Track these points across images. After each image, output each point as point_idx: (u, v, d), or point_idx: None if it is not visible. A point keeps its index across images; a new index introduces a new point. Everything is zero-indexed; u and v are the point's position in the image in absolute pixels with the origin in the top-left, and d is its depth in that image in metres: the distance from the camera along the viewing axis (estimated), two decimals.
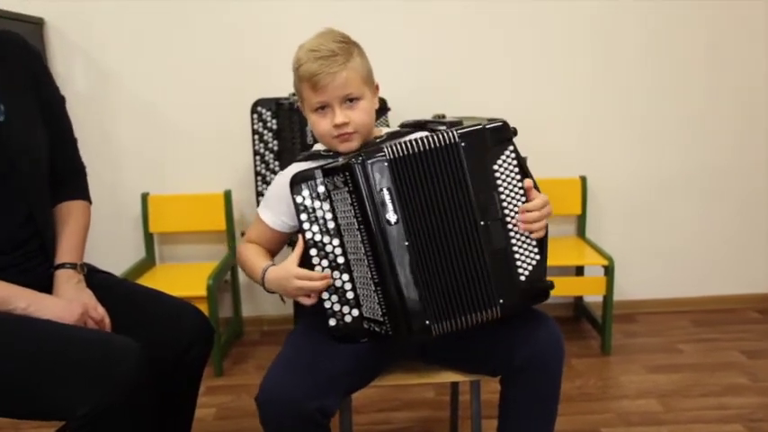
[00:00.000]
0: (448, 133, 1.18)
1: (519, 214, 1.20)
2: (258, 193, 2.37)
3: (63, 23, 2.45)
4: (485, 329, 1.21)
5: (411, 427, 1.96)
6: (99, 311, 1.28)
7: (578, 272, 2.64)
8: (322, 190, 1.23)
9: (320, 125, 1.29)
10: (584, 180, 2.64)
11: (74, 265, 1.34)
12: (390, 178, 1.15)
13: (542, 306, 1.24)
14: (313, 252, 1.23)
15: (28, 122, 1.32)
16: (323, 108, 1.28)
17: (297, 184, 1.24)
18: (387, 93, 1.69)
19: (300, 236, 1.25)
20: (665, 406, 2.02)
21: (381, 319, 1.19)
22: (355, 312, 1.24)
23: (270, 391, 1.17)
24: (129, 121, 2.56)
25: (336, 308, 1.24)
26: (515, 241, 1.20)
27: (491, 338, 1.26)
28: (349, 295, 1.23)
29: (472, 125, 1.20)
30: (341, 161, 1.21)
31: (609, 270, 2.34)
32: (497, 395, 1.33)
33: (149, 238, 2.59)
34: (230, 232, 2.57)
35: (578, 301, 2.76)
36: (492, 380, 1.33)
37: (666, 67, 2.60)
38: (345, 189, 1.18)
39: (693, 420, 1.93)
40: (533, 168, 1.27)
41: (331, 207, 1.22)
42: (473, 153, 1.18)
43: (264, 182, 2.35)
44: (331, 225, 1.23)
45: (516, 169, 1.21)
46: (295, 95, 1.35)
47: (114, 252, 2.55)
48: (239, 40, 2.50)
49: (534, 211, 1.20)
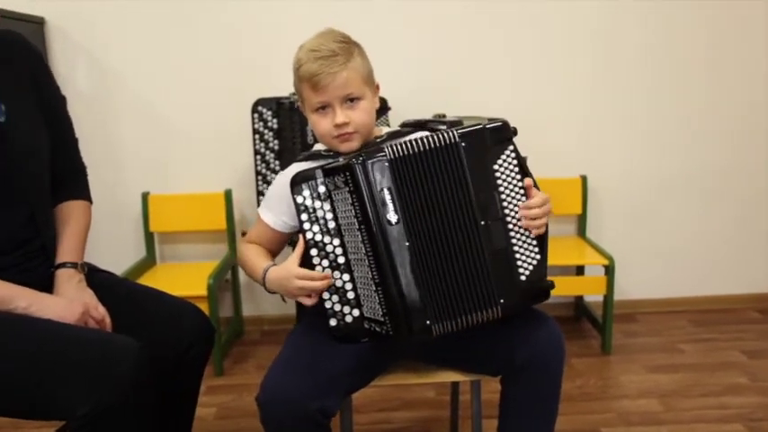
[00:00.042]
0: (448, 133, 1.18)
1: (520, 211, 1.20)
2: (259, 193, 2.37)
3: (64, 23, 2.46)
4: (485, 329, 1.22)
5: (411, 426, 1.97)
6: (100, 311, 1.28)
7: (579, 271, 2.64)
8: (323, 190, 1.23)
9: (321, 125, 1.29)
10: (584, 180, 2.64)
11: (75, 265, 1.34)
12: (391, 178, 1.15)
13: (543, 306, 1.24)
14: (314, 252, 1.23)
15: (29, 123, 1.32)
16: (323, 108, 1.28)
17: (297, 184, 1.24)
18: (386, 93, 1.69)
19: (301, 236, 1.25)
20: (665, 406, 2.02)
21: (382, 320, 1.19)
22: (356, 312, 1.24)
23: (271, 391, 1.17)
24: (130, 121, 2.56)
25: (337, 308, 1.24)
26: (516, 241, 1.21)
27: (492, 338, 1.27)
28: (350, 295, 1.23)
29: (472, 125, 1.20)
30: (341, 161, 1.21)
31: (609, 270, 2.34)
32: (498, 395, 1.33)
33: (150, 237, 2.59)
34: (231, 232, 2.57)
35: (579, 300, 2.76)
36: (492, 379, 1.34)
37: (666, 67, 2.60)
38: (346, 189, 1.18)
39: (694, 420, 1.93)
40: (533, 168, 1.27)
41: (332, 207, 1.22)
42: (473, 153, 1.18)
43: (265, 181, 2.35)
44: (331, 225, 1.23)
45: (516, 169, 1.21)
46: (295, 95, 1.35)
47: (115, 251, 2.55)
48: (239, 40, 2.50)
49: (535, 208, 1.21)
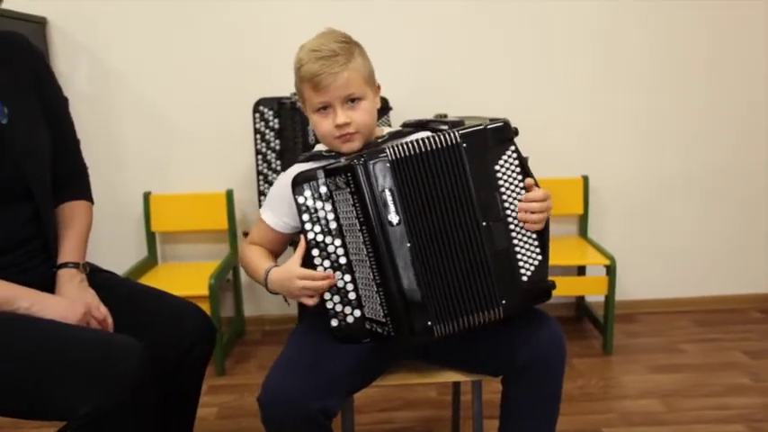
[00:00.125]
0: (449, 134, 1.18)
1: (518, 204, 1.20)
2: (260, 193, 2.37)
3: (66, 23, 2.46)
4: (487, 330, 1.21)
5: (413, 426, 1.97)
6: (101, 311, 1.28)
7: (580, 272, 2.64)
8: (324, 190, 1.23)
9: (322, 125, 1.29)
10: (585, 180, 2.64)
11: (76, 265, 1.34)
12: (392, 179, 1.15)
13: (544, 306, 1.24)
14: (315, 252, 1.23)
15: (31, 124, 1.32)
16: (324, 108, 1.28)
17: (299, 184, 1.24)
18: (387, 93, 1.69)
19: (302, 236, 1.25)
20: (666, 406, 2.01)
21: (383, 320, 1.19)
22: (357, 313, 1.24)
23: (272, 391, 1.17)
24: (132, 121, 2.56)
25: (338, 308, 1.24)
26: (517, 242, 1.20)
27: (493, 339, 1.26)
28: (351, 296, 1.23)
29: (474, 125, 1.20)
30: (343, 162, 1.21)
31: (611, 270, 2.34)
32: (499, 395, 1.33)
33: (151, 237, 2.59)
34: (232, 232, 2.57)
35: (580, 300, 2.76)
36: (494, 380, 1.34)
37: (667, 66, 2.60)
38: (347, 190, 1.17)
39: (695, 421, 1.93)
40: (535, 168, 1.27)
41: (333, 207, 1.22)
42: (474, 153, 1.18)
43: (266, 181, 2.35)
44: (333, 225, 1.23)
45: (518, 169, 1.21)
46: (296, 95, 1.35)
47: (116, 251, 2.55)
48: (241, 40, 2.50)
49: (534, 202, 1.20)
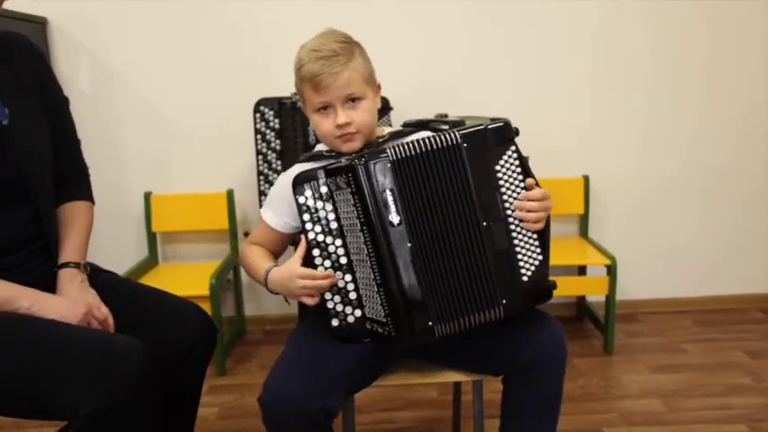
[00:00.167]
0: (450, 134, 1.17)
1: (516, 203, 1.19)
2: (261, 193, 2.37)
3: (67, 23, 2.46)
4: (487, 330, 1.21)
5: (414, 426, 1.97)
6: (102, 311, 1.29)
7: (581, 271, 2.64)
8: (325, 190, 1.23)
9: (322, 125, 1.29)
10: (586, 179, 2.64)
11: (77, 265, 1.34)
12: (393, 179, 1.15)
13: (545, 306, 1.24)
14: (316, 252, 1.23)
15: (32, 124, 1.32)
16: (325, 108, 1.28)
17: (299, 184, 1.24)
18: (387, 93, 1.69)
19: (303, 236, 1.25)
20: (667, 406, 2.01)
21: (384, 320, 1.19)
22: (358, 313, 1.24)
23: (273, 391, 1.17)
24: (133, 121, 2.56)
25: (339, 308, 1.24)
26: (518, 242, 1.20)
27: (494, 339, 1.26)
28: (352, 296, 1.23)
29: (474, 125, 1.20)
30: (343, 162, 1.21)
31: (611, 270, 2.34)
32: (500, 395, 1.33)
33: (152, 237, 2.59)
34: (233, 231, 2.57)
35: (581, 300, 2.76)
36: (494, 379, 1.34)
37: (667, 66, 2.60)
38: (348, 190, 1.17)
39: (696, 421, 1.93)
40: (535, 168, 1.26)
41: (334, 207, 1.22)
42: (475, 154, 1.18)
43: (267, 181, 2.35)
44: (334, 225, 1.23)
45: (518, 169, 1.21)
46: (297, 95, 1.35)
47: (117, 251, 2.56)
48: (241, 40, 2.50)
49: (532, 201, 1.20)
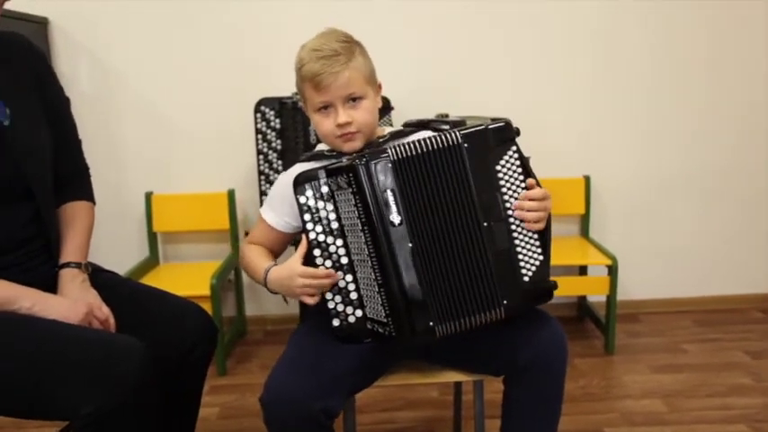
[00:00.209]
0: (451, 134, 1.17)
1: (515, 202, 1.19)
2: (261, 193, 2.37)
3: (67, 23, 2.46)
4: (488, 330, 1.21)
5: (414, 426, 1.97)
6: (104, 311, 1.28)
7: (581, 271, 2.64)
8: (325, 190, 1.23)
9: (323, 125, 1.29)
10: (587, 180, 2.64)
11: (78, 265, 1.34)
12: (394, 179, 1.15)
13: (545, 306, 1.24)
14: (316, 252, 1.23)
15: (33, 124, 1.32)
16: (326, 108, 1.28)
17: (300, 184, 1.24)
18: (387, 93, 1.69)
19: (304, 236, 1.25)
20: (668, 406, 2.01)
21: (385, 320, 1.19)
22: (359, 313, 1.24)
23: (274, 391, 1.17)
24: (133, 121, 2.57)
25: (340, 308, 1.24)
26: (519, 242, 1.20)
27: (494, 339, 1.26)
28: (352, 296, 1.23)
29: (475, 125, 1.20)
30: (344, 161, 1.21)
31: (612, 270, 2.34)
32: (500, 395, 1.33)
33: (153, 237, 2.60)
34: (234, 231, 2.57)
35: (582, 300, 2.76)
36: (495, 380, 1.34)
37: (667, 66, 2.60)
38: (349, 190, 1.17)
39: (697, 421, 1.92)
40: (536, 168, 1.26)
41: (335, 207, 1.22)
42: (476, 154, 1.18)
43: (268, 181, 2.35)
44: (335, 225, 1.23)
45: (519, 169, 1.21)
46: (298, 94, 1.35)
47: (118, 251, 2.56)
48: (241, 40, 2.50)
49: (531, 201, 1.20)
